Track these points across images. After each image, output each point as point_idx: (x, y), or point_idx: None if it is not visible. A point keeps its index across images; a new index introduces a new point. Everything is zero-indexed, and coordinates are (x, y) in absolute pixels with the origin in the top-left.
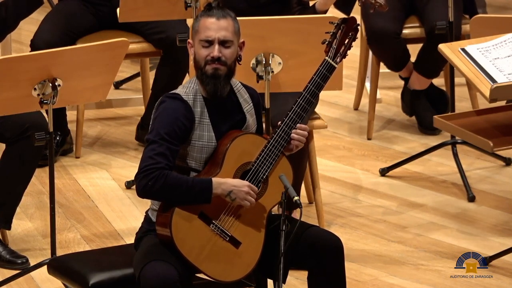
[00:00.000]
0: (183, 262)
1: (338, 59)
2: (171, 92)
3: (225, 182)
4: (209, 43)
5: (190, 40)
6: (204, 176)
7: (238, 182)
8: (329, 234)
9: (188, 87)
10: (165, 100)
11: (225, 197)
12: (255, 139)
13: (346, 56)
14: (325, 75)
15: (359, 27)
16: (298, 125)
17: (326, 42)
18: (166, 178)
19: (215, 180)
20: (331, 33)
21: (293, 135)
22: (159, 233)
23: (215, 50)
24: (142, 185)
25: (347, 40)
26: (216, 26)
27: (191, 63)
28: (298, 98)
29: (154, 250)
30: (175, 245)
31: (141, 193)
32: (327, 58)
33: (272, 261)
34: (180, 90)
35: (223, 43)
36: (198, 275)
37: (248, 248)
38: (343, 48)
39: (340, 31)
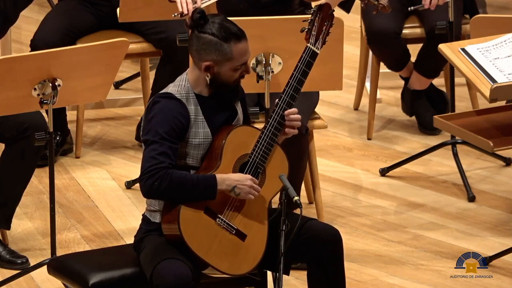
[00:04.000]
0: (192, 260)
1: (319, 45)
2: (163, 92)
3: (228, 178)
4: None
5: (211, 64)
6: (203, 171)
7: (240, 176)
8: (327, 226)
9: (179, 85)
10: (160, 100)
11: (229, 192)
12: (249, 130)
13: (326, 43)
14: (309, 62)
15: (334, 13)
16: (286, 111)
17: (306, 30)
18: (171, 177)
19: (218, 176)
20: (309, 21)
21: (286, 122)
22: (166, 232)
23: (249, 69)
24: (148, 185)
25: (324, 27)
26: (247, 47)
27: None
28: (286, 87)
29: (163, 249)
30: (185, 241)
31: (148, 194)
32: (308, 44)
33: (272, 255)
34: (172, 89)
35: None
36: (204, 272)
37: (254, 240)
38: (322, 34)
39: (317, 17)
